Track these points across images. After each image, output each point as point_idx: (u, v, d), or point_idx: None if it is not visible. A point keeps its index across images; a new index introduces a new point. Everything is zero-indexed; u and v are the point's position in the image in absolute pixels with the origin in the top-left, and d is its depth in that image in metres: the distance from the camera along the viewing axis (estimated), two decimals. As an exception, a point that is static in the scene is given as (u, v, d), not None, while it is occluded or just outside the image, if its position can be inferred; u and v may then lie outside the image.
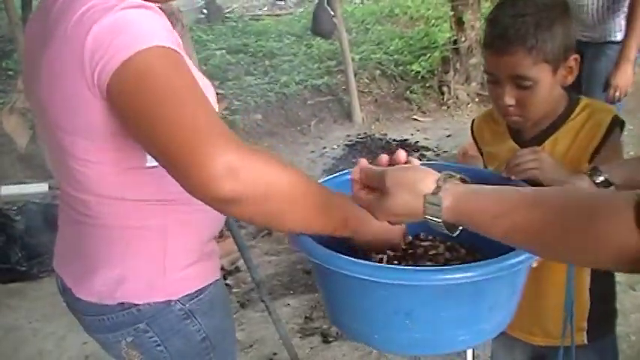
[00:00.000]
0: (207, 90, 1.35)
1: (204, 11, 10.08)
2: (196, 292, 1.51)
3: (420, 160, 1.34)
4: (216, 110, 1.33)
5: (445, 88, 6.13)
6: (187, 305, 1.50)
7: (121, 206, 1.41)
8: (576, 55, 1.64)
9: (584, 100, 1.71)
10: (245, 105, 6.32)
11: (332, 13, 5.85)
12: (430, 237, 1.57)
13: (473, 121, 1.97)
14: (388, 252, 1.50)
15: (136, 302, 1.46)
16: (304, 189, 1.24)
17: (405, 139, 5.48)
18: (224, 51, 7.73)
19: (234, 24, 9.31)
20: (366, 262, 1.34)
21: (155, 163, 1.25)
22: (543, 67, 1.59)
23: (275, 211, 1.23)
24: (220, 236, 3.85)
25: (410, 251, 1.52)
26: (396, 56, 6.93)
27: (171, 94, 1.17)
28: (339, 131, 5.88)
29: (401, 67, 6.67)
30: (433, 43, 7.03)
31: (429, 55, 6.77)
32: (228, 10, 10.54)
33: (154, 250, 1.44)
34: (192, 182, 1.14)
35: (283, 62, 7.23)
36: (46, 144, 1.47)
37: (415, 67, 6.57)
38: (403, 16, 8.63)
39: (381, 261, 1.48)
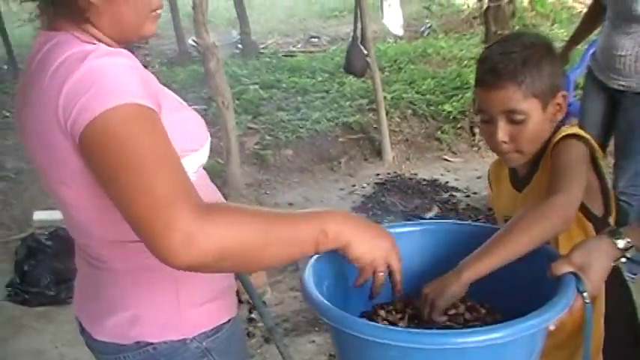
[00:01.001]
0: (190, 122, 1.45)
1: (239, 46, 10.21)
2: (213, 329, 1.52)
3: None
4: (198, 160, 1.43)
5: (476, 129, 6.13)
6: (204, 343, 1.51)
7: (122, 249, 1.43)
8: (565, 92, 1.70)
9: (559, 130, 1.72)
10: (276, 140, 6.38)
11: (365, 51, 5.90)
12: None
13: (490, 166, 2.01)
14: (408, 311, 1.51)
15: (152, 341, 1.47)
16: (267, 231, 1.24)
17: (435, 180, 5.48)
18: (257, 86, 7.82)
19: (268, 60, 9.41)
20: (381, 326, 1.36)
21: None
22: (533, 101, 1.65)
23: (243, 262, 1.28)
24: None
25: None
26: (427, 96, 6.95)
27: (134, 160, 1.19)
28: (370, 169, 5.90)
29: (432, 107, 6.69)
30: (465, 84, 7.05)
31: (460, 95, 6.79)
32: (262, 46, 10.67)
33: (165, 289, 1.46)
34: (154, 250, 1.17)
35: (315, 99, 7.29)
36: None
37: (447, 107, 6.59)
38: (436, 56, 8.67)
39: (401, 319, 1.48)
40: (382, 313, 1.53)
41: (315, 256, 1.47)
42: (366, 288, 1.45)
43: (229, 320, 1.57)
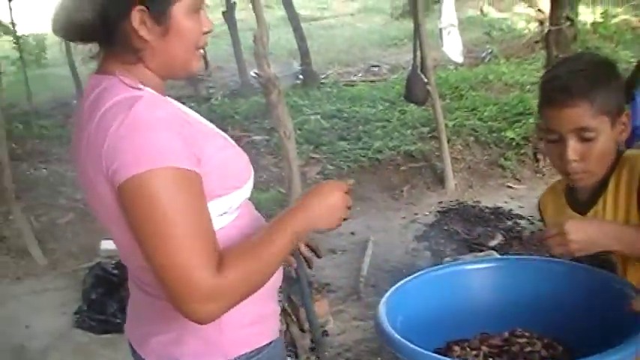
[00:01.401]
0: (234, 160, 1.56)
1: (300, 77, 10.32)
2: (253, 351, 1.60)
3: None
4: (243, 192, 1.56)
5: (540, 156, 6.04)
6: None
7: None
8: (628, 111, 1.68)
9: (625, 153, 1.71)
10: (338, 170, 6.41)
11: (425, 79, 5.90)
12: (527, 333, 1.55)
13: (539, 199, 1.98)
14: (483, 348, 1.49)
15: None
16: (263, 261, 1.43)
17: (498, 207, 5.41)
18: (319, 116, 7.89)
19: (329, 90, 9.49)
20: None
21: None
22: (603, 119, 1.62)
23: (252, 293, 1.45)
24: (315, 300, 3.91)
25: (505, 348, 1.50)
26: (490, 123, 6.90)
27: (162, 226, 1.33)
28: (432, 198, 5.87)
29: (495, 134, 6.63)
30: (528, 110, 6.97)
31: (523, 121, 6.72)
32: (323, 76, 10.75)
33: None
34: (180, 311, 1.35)
35: (377, 128, 7.31)
36: None
37: (509, 133, 6.52)
38: (497, 82, 8.61)
39: (476, 356, 1.47)
40: (457, 349, 1.52)
41: (390, 291, 1.63)
42: (441, 327, 1.48)
43: (270, 343, 1.64)
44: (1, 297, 5.11)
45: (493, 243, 4.78)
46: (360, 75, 11.02)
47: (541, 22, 6.34)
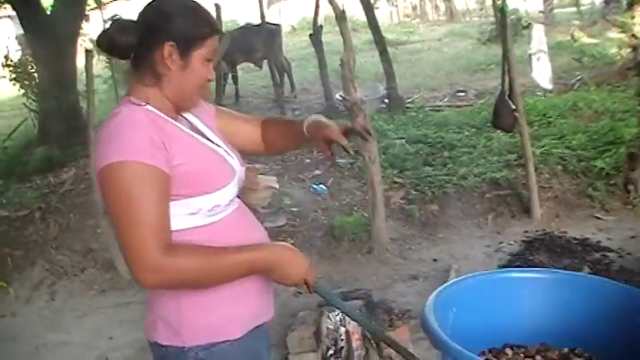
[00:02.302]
0: (207, 168, 1.87)
1: (386, 101, 10.34)
2: (208, 344, 1.90)
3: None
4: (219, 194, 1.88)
5: (631, 187, 5.87)
6: (200, 354, 1.89)
7: None
8: None
9: None
10: (422, 195, 6.39)
11: (513, 106, 5.83)
12: (586, 354, 1.53)
13: None
14: (537, 358, 1.49)
15: (162, 343, 1.92)
16: (209, 269, 1.79)
17: (586, 238, 5.28)
18: (404, 140, 7.88)
19: (414, 114, 9.48)
20: None
21: None
22: None
23: (190, 287, 1.84)
24: (390, 325, 3.90)
25: None
26: (578, 151, 6.75)
27: (122, 209, 1.72)
28: (517, 227, 5.77)
29: (583, 163, 6.48)
30: (619, 139, 6.79)
31: (614, 150, 6.54)
32: (409, 101, 10.76)
33: (172, 305, 1.89)
34: (132, 275, 1.73)
35: (462, 154, 7.26)
36: None
37: (599, 162, 6.36)
38: (587, 110, 8.42)
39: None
40: (509, 352, 1.53)
41: (444, 285, 1.74)
42: (497, 328, 1.49)
43: (227, 341, 1.92)
44: (87, 308, 5.29)
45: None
46: (446, 100, 10.98)
47: (634, 48, 6.18)
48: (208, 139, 1.99)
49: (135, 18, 1.89)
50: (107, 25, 1.90)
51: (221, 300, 1.90)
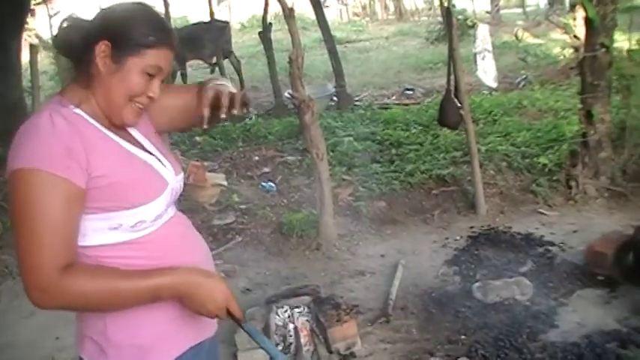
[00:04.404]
0: (132, 183, 1.72)
1: (335, 99, 10.40)
2: None
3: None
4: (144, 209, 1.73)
5: (573, 182, 6.00)
6: None
7: None
8: None
9: None
10: (370, 192, 6.44)
11: (459, 104, 5.92)
12: None
13: None
14: None
15: None
16: (109, 291, 1.65)
17: (530, 233, 5.39)
18: (352, 138, 7.93)
19: (362, 112, 9.55)
20: None
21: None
22: None
23: (89, 310, 1.74)
24: (338, 320, 3.93)
25: None
26: (523, 148, 6.89)
27: (22, 221, 1.59)
28: (463, 222, 5.86)
29: (527, 160, 6.61)
30: (561, 136, 6.95)
31: (556, 147, 6.69)
32: (357, 98, 10.83)
33: (98, 323, 1.77)
34: (25, 291, 1.62)
35: (409, 151, 7.34)
36: None
37: (542, 159, 6.49)
38: (531, 108, 8.60)
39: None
40: None
41: None
42: None
43: None
44: (33, 309, 5.18)
45: (524, 269, 4.77)
46: (394, 98, 11.08)
47: (576, 49, 6.31)
48: (143, 147, 1.84)
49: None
50: (58, 22, 1.80)
51: (150, 318, 1.78)
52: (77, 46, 1.73)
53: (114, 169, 1.69)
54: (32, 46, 5.89)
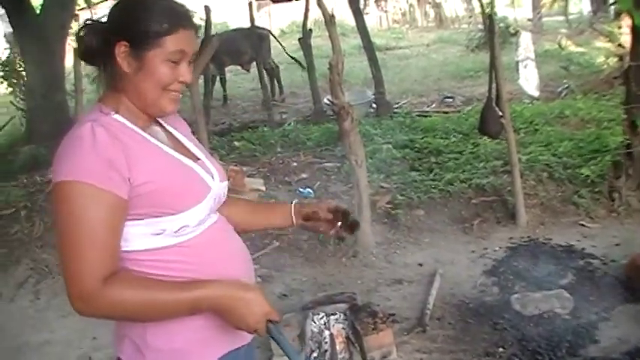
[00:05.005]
0: (173, 189, 1.72)
1: (374, 106, 10.39)
2: None
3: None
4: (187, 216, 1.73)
5: (616, 194, 5.90)
6: None
7: None
8: None
9: None
10: (408, 200, 6.40)
11: (500, 112, 5.86)
12: None
13: None
14: None
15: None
16: (148, 302, 1.66)
17: (571, 245, 5.31)
18: (390, 145, 7.90)
19: (402, 119, 9.51)
20: None
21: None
22: None
23: (128, 319, 1.75)
24: (374, 328, 3.91)
25: None
26: (564, 159, 6.79)
27: (65, 232, 1.62)
28: (502, 233, 5.79)
29: (569, 170, 6.52)
30: (604, 147, 6.84)
31: (599, 158, 6.58)
32: (397, 106, 10.80)
33: (138, 324, 1.77)
34: (68, 298, 1.64)
35: (449, 160, 7.28)
36: None
37: (584, 170, 6.39)
38: (574, 118, 8.48)
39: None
40: None
41: None
42: None
43: None
44: (71, 308, 5.25)
45: (563, 282, 4.70)
46: (433, 106, 11.02)
47: (620, 58, 6.22)
48: (188, 150, 1.88)
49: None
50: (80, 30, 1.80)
51: (189, 324, 1.77)
52: (99, 52, 1.75)
53: (156, 175, 1.70)
54: (75, 51, 5.96)
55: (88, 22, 1.79)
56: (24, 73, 9.78)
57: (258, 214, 2.16)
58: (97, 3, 12.77)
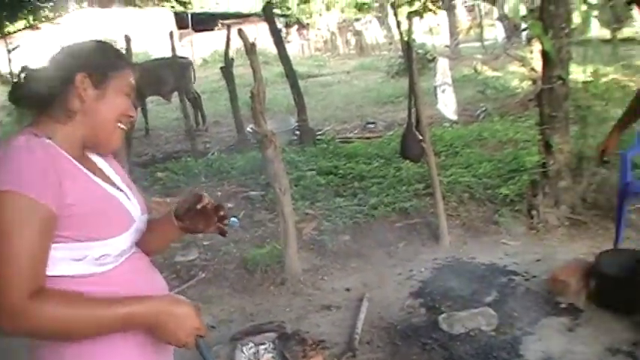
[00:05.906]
0: (102, 217, 1.73)
1: (297, 133, 10.43)
2: None
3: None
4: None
5: (534, 212, 6.06)
6: None
7: None
8: None
9: None
10: (334, 226, 6.43)
11: (420, 137, 5.96)
12: None
13: None
14: None
15: None
16: (78, 318, 1.63)
17: (494, 263, 5.42)
18: (314, 172, 7.95)
19: (325, 146, 9.59)
20: None
21: None
22: None
23: (56, 337, 1.67)
24: (304, 356, 3.90)
25: None
26: (484, 179, 6.96)
27: (1, 240, 1.57)
28: (427, 254, 5.87)
29: (489, 191, 6.68)
30: (522, 167, 7.04)
31: (517, 178, 6.77)
32: (320, 133, 10.89)
33: (57, 353, 1.72)
34: None
35: (372, 184, 7.37)
36: None
37: (504, 190, 6.56)
38: (492, 140, 8.72)
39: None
40: None
41: None
42: None
43: None
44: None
45: (488, 299, 4.78)
46: (356, 132, 11.16)
47: (534, 81, 6.44)
48: (113, 182, 1.88)
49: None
50: (19, 77, 1.87)
51: (112, 349, 1.74)
52: (47, 92, 1.78)
53: (84, 199, 1.70)
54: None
55: (27, 67, 1.87)
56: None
57: (153, 232, 2.04)
58: (13, 32, 12.53)
